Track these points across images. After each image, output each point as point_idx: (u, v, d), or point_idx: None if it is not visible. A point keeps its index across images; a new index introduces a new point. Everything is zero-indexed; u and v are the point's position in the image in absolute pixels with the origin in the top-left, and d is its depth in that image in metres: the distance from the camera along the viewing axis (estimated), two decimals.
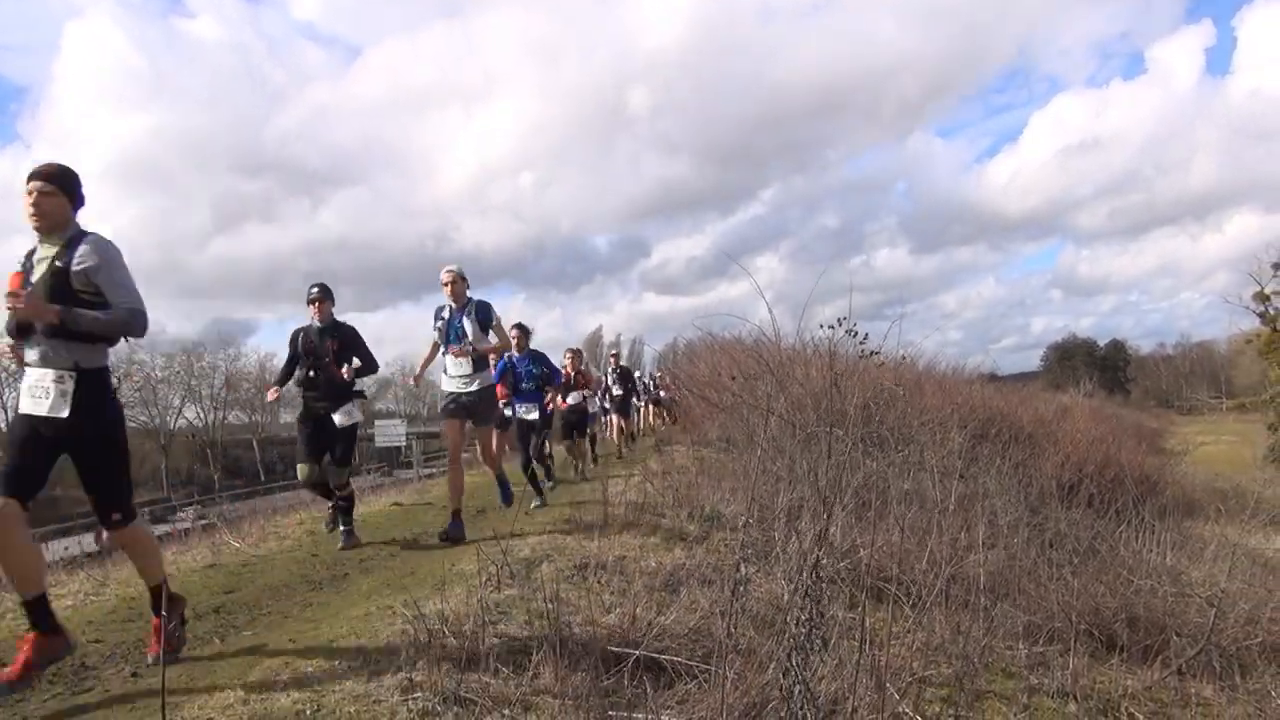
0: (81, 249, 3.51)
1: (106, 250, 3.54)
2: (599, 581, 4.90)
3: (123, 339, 3.68)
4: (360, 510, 8.49)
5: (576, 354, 11.93)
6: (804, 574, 3.55)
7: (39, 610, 3.48)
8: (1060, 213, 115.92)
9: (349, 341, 6.64)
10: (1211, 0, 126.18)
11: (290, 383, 6.76)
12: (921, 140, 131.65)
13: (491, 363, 7.12)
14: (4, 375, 44.05)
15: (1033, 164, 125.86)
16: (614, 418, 15.72)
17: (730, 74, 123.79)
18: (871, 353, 8.13)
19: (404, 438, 39.29)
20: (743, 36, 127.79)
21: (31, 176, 3.57)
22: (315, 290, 6.58)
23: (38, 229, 3.57)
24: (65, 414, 3.48)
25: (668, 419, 19.52)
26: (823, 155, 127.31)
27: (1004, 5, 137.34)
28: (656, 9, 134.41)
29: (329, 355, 6.51)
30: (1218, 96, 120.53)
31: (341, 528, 6.79)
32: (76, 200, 3.63)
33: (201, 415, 52.73)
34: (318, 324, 6.57)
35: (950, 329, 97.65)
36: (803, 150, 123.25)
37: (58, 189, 3.56)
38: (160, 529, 9.45)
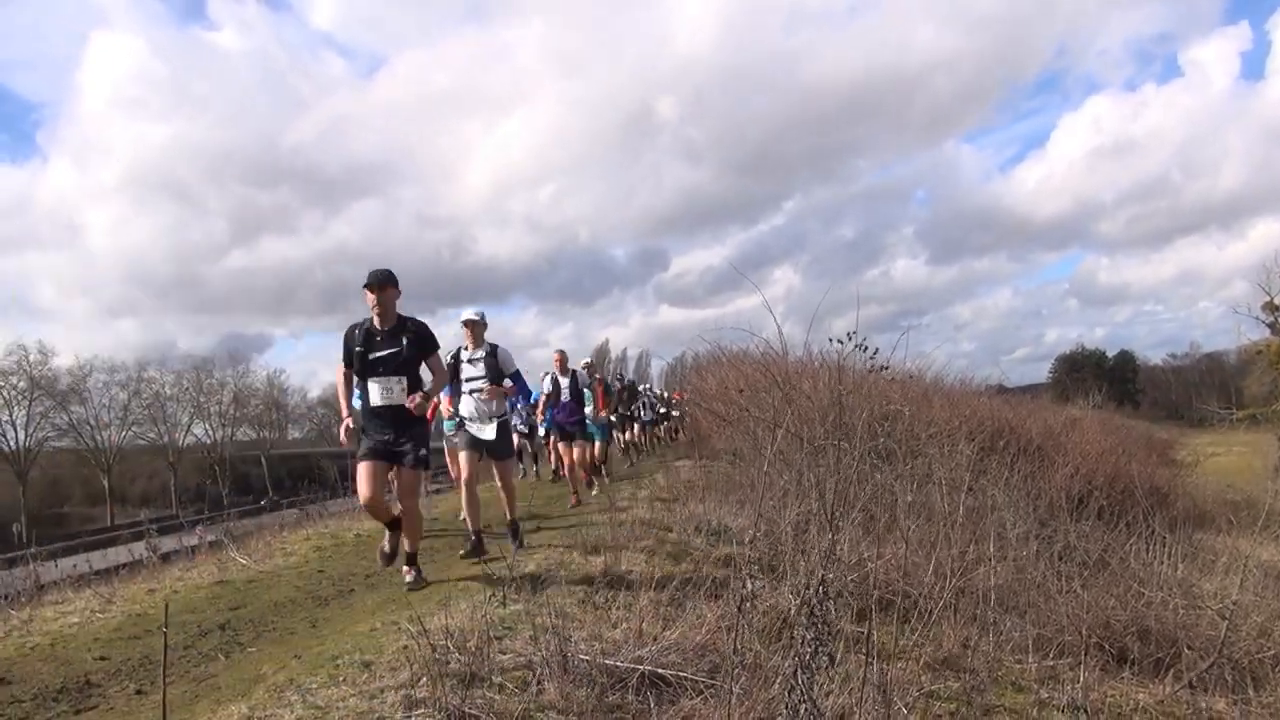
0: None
1: None
2: (605, 597, 4.88)
3: None
4: (367, 526, 8.49)
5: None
6: (811, 590, 3.53)
7: None
8: (1083, 220, 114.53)
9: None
10: (1249, 1, 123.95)
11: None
12: (950, 146, 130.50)
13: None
14: (12, 394, 44.29)
15: (1059, 169, 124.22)
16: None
17: (759, 81, 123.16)
18: (881, 367, 8.11)
19: None
20: (772, 43, 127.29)
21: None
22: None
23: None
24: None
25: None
26: (852, 164, 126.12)
27: (1044, 5, 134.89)
28: (684, 16, 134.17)
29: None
30: (1251, 101, 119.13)
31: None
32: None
33: (210, 432, 52.85)
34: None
35: (963, 340, 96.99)
36: (831, 159, 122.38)
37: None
38: (167, 544, 9.46)
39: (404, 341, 5.34)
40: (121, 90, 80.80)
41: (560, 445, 10.90)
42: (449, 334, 6.83)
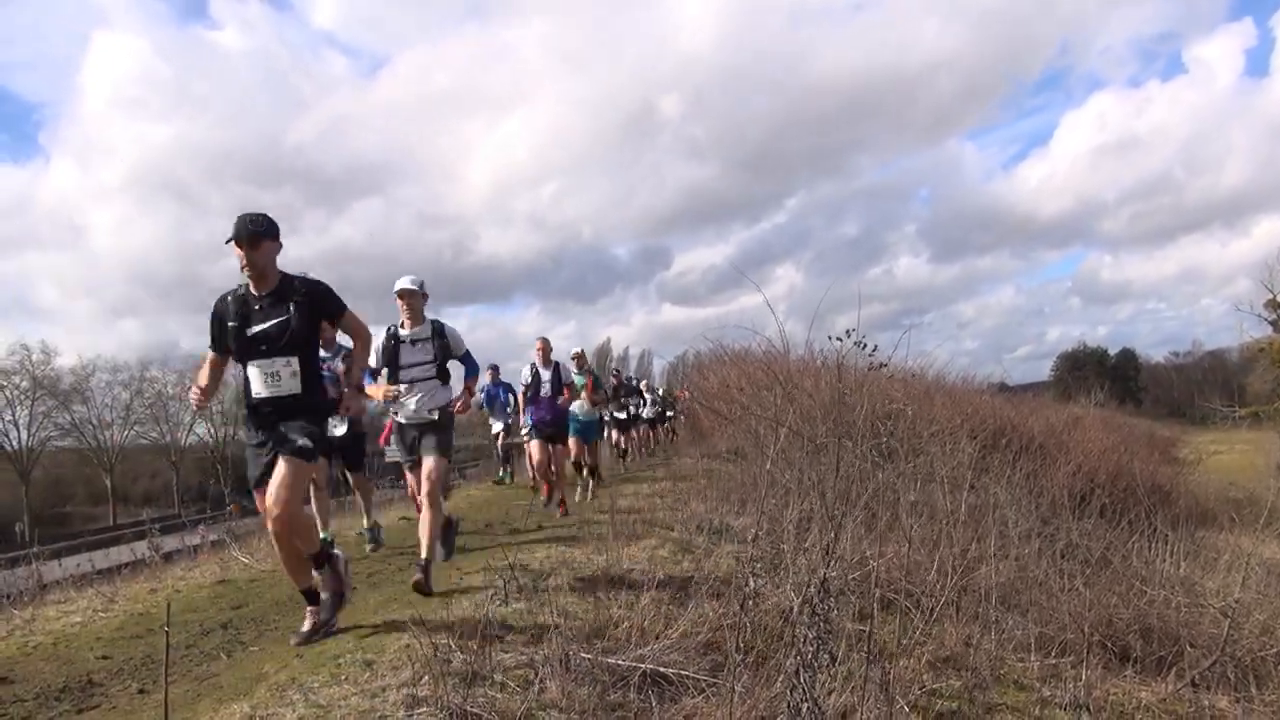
0: None
1: None
2: (607, 595, 4.88)
3: None
4: (369, 523, 8.48)
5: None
6: (811, 588, 3.53)
7: None
8: (1086, 218, 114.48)
9: None
10: None
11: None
12: (952, 144, 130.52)
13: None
14: (15, 393, 44.32)
15: (1062, 167, 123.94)
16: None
17: (761, 78, 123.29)
18: (880, 365, 8.12)
19: None
20: (775, 41, 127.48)
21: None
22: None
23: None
24: None
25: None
26: (855, 161, 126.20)
27: (1047, 2, 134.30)
28: (686, 14, 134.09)
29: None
30: (1255, 98, 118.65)
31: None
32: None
33: (212, 431, 52.83)
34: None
35: (966, 338, 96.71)
36: (834, 156, 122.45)
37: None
38: (169, 544, 9.46)
39: (291, 308, 4.06)
40: (123, 90, 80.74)
41: (536, 447, 9.26)
42: None
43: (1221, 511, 14.01)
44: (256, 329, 4.03)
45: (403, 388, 5.64)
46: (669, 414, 20.62)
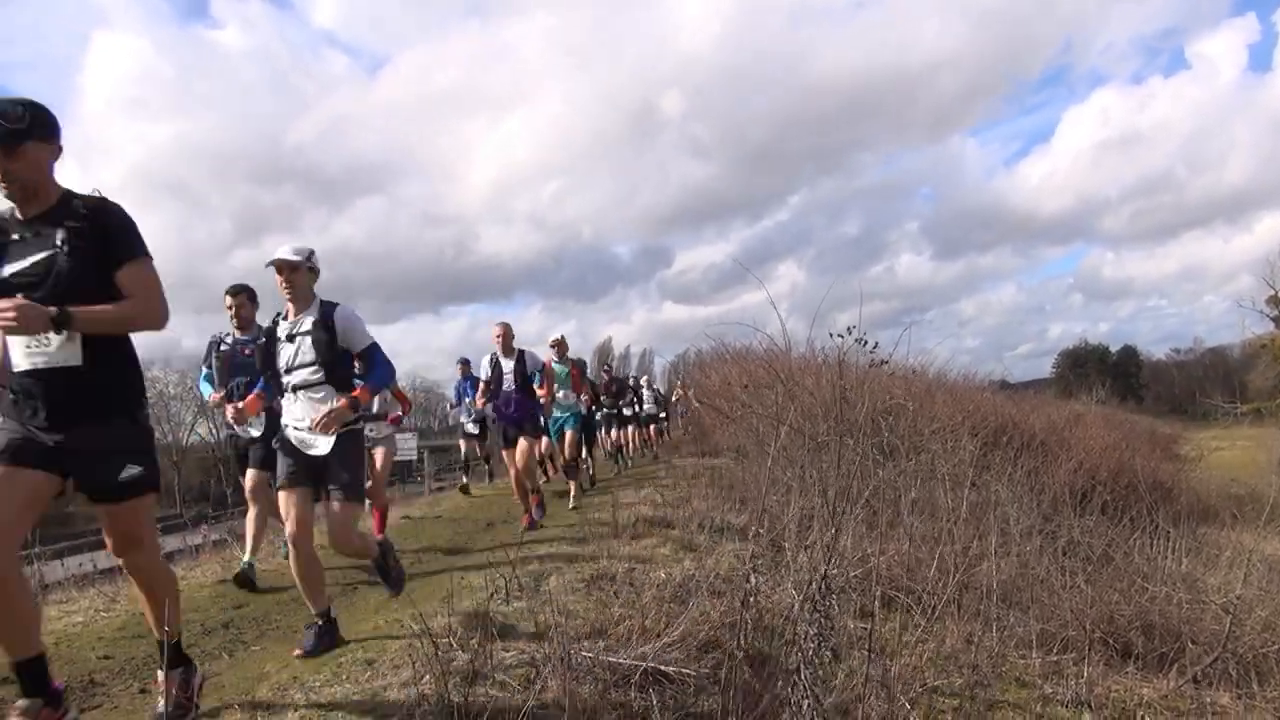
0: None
1: None
2: (608, 593, 4.88)
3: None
4: (369, 523, 8.48)
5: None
6: (813, 585, 3.53)
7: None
8: (1087, 215, 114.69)
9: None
10: None
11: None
12: (954, 142, 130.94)
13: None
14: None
15: (1064, 164, 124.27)
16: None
17: (763, 77, 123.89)
18: (881, 362, 8.11)
19: (415, 451, 39.17)
20: (776, 40, 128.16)
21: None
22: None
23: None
24: None
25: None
26: (857, 159, 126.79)
27: (1049, 2, 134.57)
28: (687, 14, 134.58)
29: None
30: (1258, 93, 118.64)
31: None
32: None
33: (214, 431, 52.82)
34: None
35: (967, 336, 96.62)
36: (836, 154, 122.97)
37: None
38: (171, 543, 9.47)
39: (60, 238, 2.73)
40: (123, 90, 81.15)
41: (507, 455, 7.96)
42: (450, 334, 6.11)
43: (1223, 508, 13.98)
44: (13, 268, 2.74)
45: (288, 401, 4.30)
46: (663, 414, 20.52)
